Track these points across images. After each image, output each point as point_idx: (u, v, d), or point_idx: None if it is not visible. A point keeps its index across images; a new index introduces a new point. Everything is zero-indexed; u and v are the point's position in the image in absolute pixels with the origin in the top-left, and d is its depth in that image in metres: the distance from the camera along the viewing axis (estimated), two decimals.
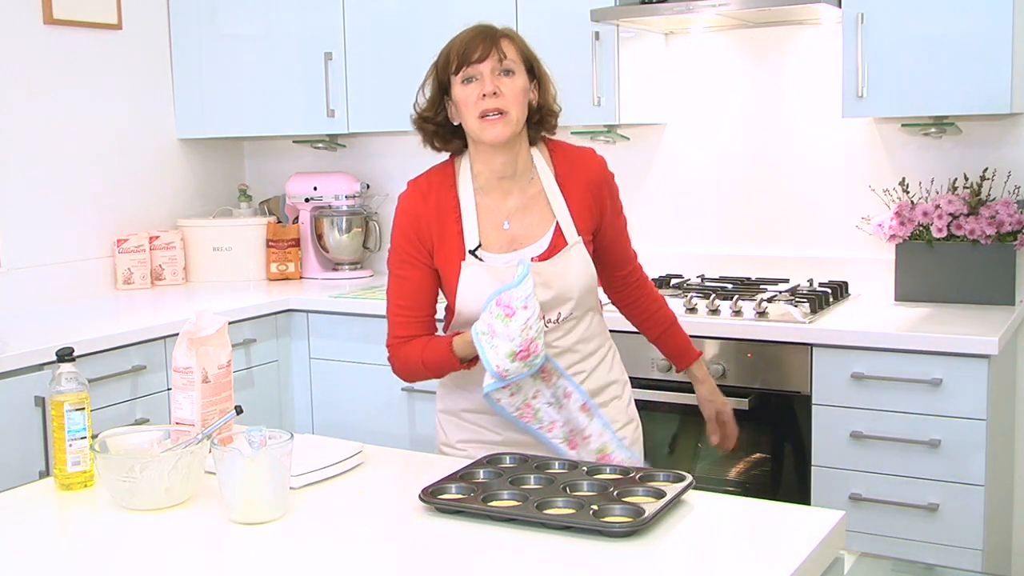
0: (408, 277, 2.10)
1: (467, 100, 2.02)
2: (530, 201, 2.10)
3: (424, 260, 2.09)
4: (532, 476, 1.81)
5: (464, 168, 2.11)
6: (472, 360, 2.03)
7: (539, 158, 2.13)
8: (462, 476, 1.80)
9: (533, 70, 2.10)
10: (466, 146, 2.12)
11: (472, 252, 2.06)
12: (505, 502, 1.69)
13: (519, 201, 2.10)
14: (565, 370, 2.10)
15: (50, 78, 3.66)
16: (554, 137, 2.20)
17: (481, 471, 1.84)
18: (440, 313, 2.19)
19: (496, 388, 2.00)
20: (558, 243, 2.09)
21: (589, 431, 2.14)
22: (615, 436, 2.17)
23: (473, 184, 2.10)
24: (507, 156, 2.08)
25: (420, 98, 2.13)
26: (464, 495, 1.73)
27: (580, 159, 2.16)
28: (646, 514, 1.60)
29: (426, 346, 2.08)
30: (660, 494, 1.69)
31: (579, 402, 2.12)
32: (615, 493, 1.71)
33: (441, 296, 2.16)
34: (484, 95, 2.00)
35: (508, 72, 2.03)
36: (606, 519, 1.61)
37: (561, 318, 2.10)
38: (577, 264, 2.09)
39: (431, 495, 1.70)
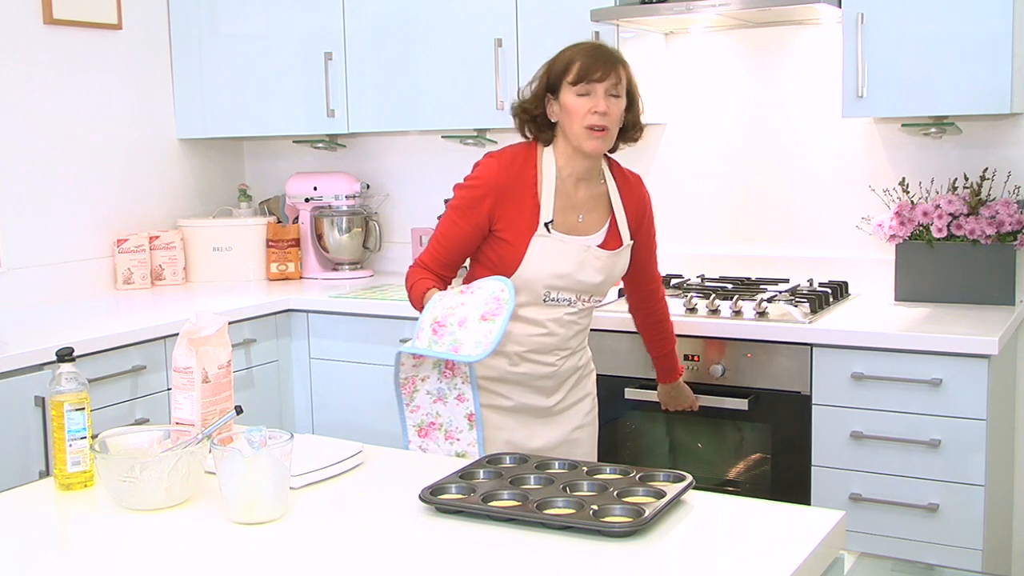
0: (459, 225, 2.35)
1: (578, 110, 2.29)
2: (595, 199, 2.41)
3: (482, 221, 2.33)
4: (532, 476, 1.81)
5: (548, 157, 2.36)
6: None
7: (605, 167, 2.44)
8: (462, 476, 1.80)
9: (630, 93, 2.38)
10: (553, 137, 2.37)
11: (546, 225, 2.32)
12: (505, 502, 1.69)
13: (587, 197, 2.39)
14: (478, 379, 2.30)
15: (50, 78, 3.66)
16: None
17: (481, 471, 1.84)
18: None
19: (408, 351, 2.16)
20: (612, 239, 2.41)
21: (461, 436, 2.27)
22: (482, 448, 2.26)
23: (556, 173, 2.36)
24: (592, 161, 2.38)
25: (526, 91, 2.38)
26: (464, 495, 1.73)
27: (635, 180, 2.51)
28: (646, 514, 1.60)
29: (419, 281, 2.34)
30: (660, 494, 1.69)
31: (467, 411, 2.24)
32: (615, 493, 1.71)
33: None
34: (595, 112, 2.27)
35: (616, 96, 2.31)
36: (606, 519, 1.61)
37: (592, 300, 2.42)
38: (623, 261, 2.46)
39: (431, 495, 1.70)
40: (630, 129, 2.40)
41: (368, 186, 4.20)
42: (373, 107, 3.80)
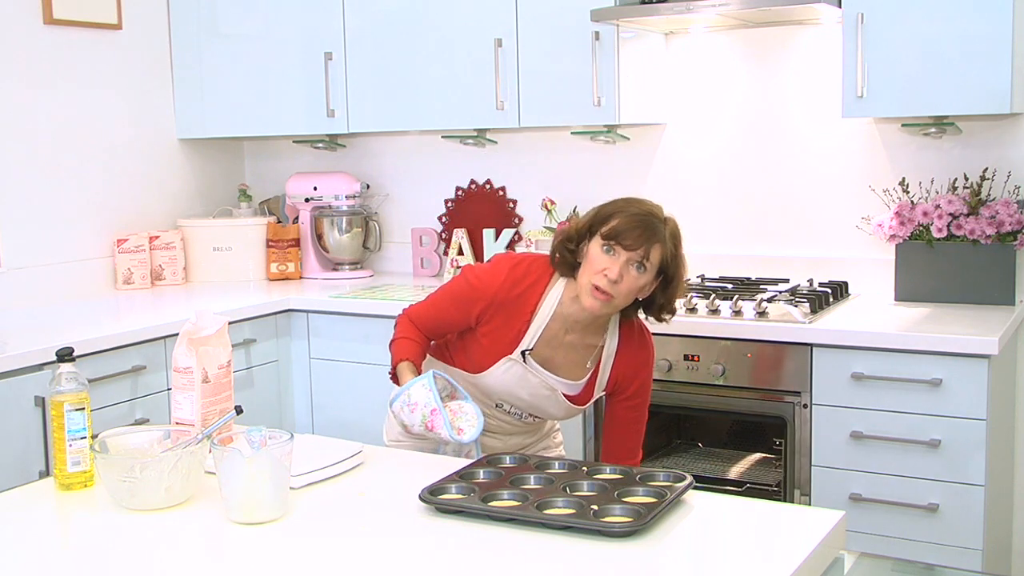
0: (450, 311, 2.33)
1: (593, 264, 2.17)
2: (586, 348, 2.30)
3: (470, 318, 2.29)
4: (532, 476, 1.81)
5: (557, 288, 2.28)
6: (394, 377, 2.30)
7: (613, 320, 2.31)
8: (462, 476, 1.80)
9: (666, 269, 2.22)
10: (571, 275, 2.26)
11: (522, 353, 2.26)
12: (505, 502, 1.69)
13: (578, 341, 2.29)
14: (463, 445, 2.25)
15: (50, 78, 3.66)
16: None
17: (481, 471, 1.84)
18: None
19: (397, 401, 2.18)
20: (585, 393, 2.32)
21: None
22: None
23: (556, 309, 2.26)
24: (594, 316, 2.24)
25: (574, 224, 2.27)
26: (464, 495, 1.73)
27: (641, 339, 2.34)
28: (646, 514, 1.60)
29: (403, 339, 2.33)
30: (660, 494, 1.69)
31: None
32: (615, 493, 1.71)
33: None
34: (605, 275, 2.14)
35: (640, 268, 2.16)
36: (606, 519, 1.61)
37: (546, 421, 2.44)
38: (585, 410, 2.43)
39: (431, 495, 1.70)
40: (661, 307, 2.25)
41: (368, 186, 4.20)
42: (373, 107, 3.80)
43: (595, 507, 1.64)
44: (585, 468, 1.86)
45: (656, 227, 2.17)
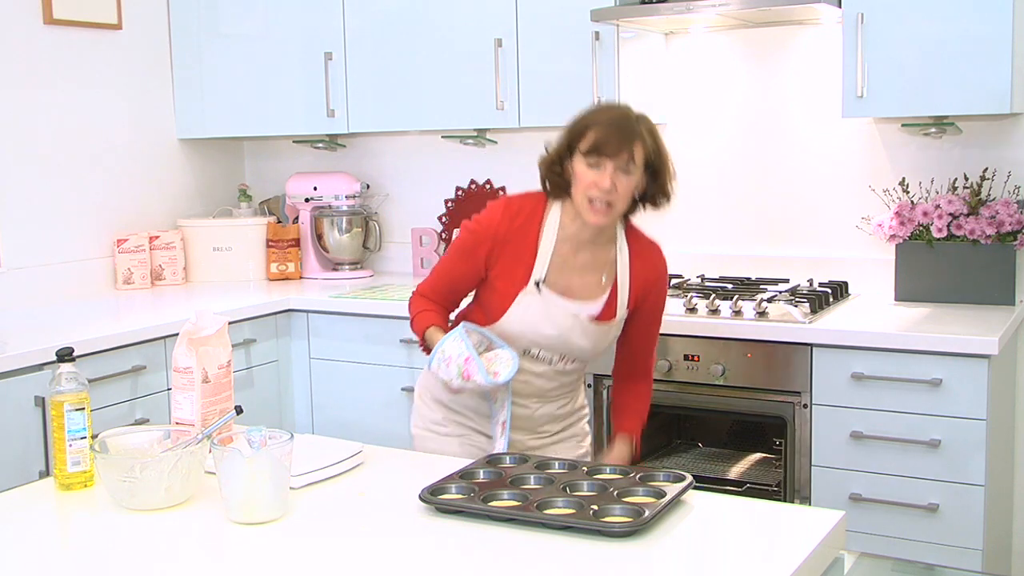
0: (458, 266, 2.34)
1: (583, 179, 2.20)
2: (599, 265, 2.31)
3: (478, 265, 2.30)
4: (532, 476, 1.81)
5: (554, 213, 2.29)
6: (425, 349, 2.32)
7: (619, 232, 2.34)
8: (462, 476, 1.80)
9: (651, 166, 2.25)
10: (566, 196, 2.28)
11: (536, 283, 2.26)
12: (505, 502, 1.69)
13: (590, 261, 2.31)
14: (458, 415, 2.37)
15: (50, 78, 3.66)
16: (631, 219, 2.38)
17: (481, 471, 1.84)
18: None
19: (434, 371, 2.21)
20: (608, 310, 2.31)
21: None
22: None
23: (558, 232, 2.28)
24: (598, 229, 2.28)
25: (553, 146, 2.30)
26: (464, 495, 1.73)
27: (651, 251, 2.37)
28: (646, 514, 1.60)
29: (421, 312, 2.35)
30: (660, 494, 1.69)
31: (501, 420, 2.28)
32: (615, 493, 1.71)
33: None
34: (598, 187, 2.18)
35: (627, 171, 2.19)
36: (606, 519, 1.61)
37: (577, 363, 2.36)
38: (616, 332, 2.36)
39: (431, 495, 1.70)
40: (655, 196, 2.28)
41: (368, 186, 4.19)
42: (373, 107, 3.80)
43: (595, 507, 1.64)
44: (585, 468, 1.86)
45: (632, 127, 2.20)
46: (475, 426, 2.38)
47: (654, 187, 2.26)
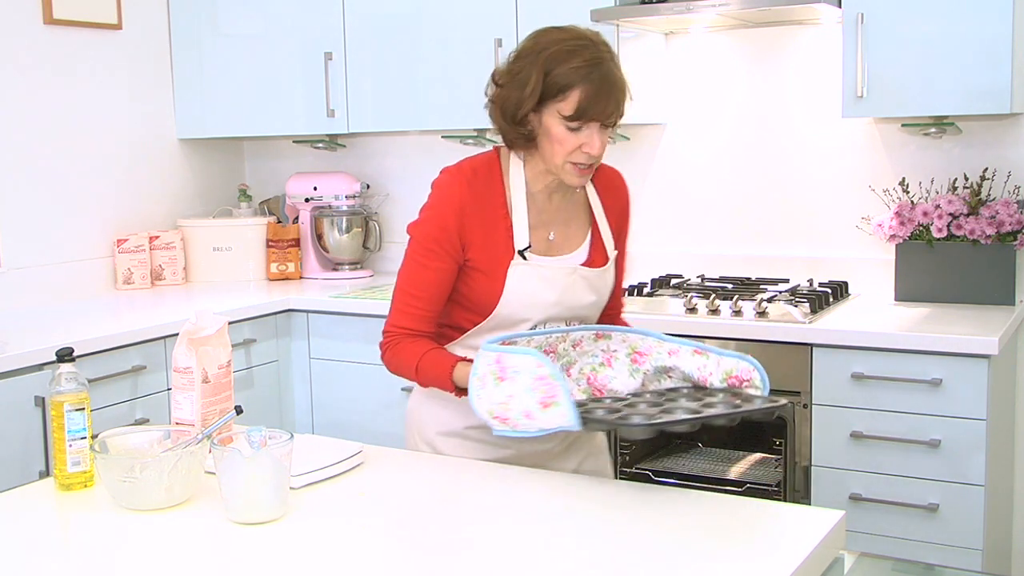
0: (431, 268, 2.02)
1: (566, 143, 1.94)
2: (574, 210, 2.11)
3: (453, 254, 2.02)
4: (636, 402, 1.88)
5: (516, 169, 2.05)
6: (465, 391, 1.89)
7: None
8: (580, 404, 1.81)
9: None
10: (528, 150, 2.03)
11: (520, 253, 2.02)
12: (640, 411, 1.80)
13: (563, 209, 2.09)
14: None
15: (50, 78, 3.66)
16: None
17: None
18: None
19: (511, 434, 1.80)
20: (596, 253, 2.10)
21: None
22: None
23: (526, 188, 2.05)
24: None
25: (512, 93, 1.98)
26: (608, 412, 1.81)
27: (615, 179, 2.17)
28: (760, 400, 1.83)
29: (426, 356, 1.99)
30: (749, 399, 1.84)
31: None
32: (713, 398, 1.85)
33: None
34: (586, 151, 1.94)
35: (612, 124, 1.97)
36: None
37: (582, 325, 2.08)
38: (611, 276, 2.13)
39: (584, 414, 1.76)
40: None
41: (368, 186, 4.20)
42: (373, 107, 3.80)
43: (737, 400, 1.80)
44: (684, 390, 1.93)
45: (618, 81, 1.94)
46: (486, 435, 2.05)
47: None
